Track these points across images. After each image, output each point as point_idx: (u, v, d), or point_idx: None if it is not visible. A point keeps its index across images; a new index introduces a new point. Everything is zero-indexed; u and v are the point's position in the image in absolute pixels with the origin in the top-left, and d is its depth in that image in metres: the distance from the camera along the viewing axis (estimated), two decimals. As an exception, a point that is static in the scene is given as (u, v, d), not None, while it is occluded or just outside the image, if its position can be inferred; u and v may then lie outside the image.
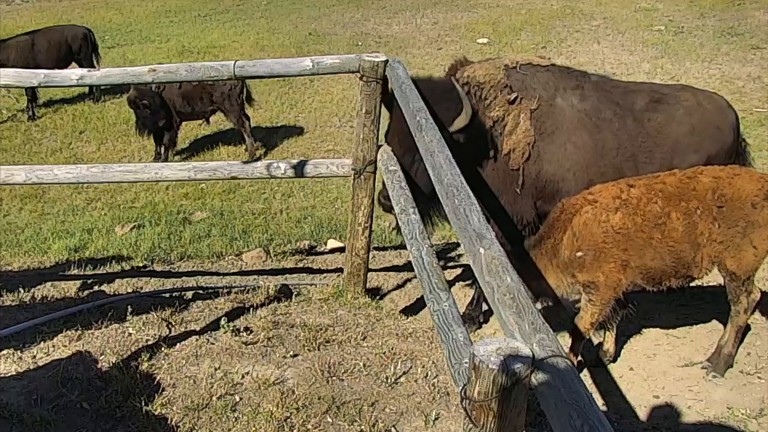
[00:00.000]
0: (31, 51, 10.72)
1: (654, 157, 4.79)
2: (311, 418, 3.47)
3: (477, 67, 4.73)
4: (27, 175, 4.78)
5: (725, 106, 5.01)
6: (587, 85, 4.81)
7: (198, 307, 4.68)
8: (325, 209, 7.38)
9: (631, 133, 4.74)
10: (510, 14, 15.27)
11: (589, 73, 5.05)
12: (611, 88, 4.88)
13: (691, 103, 4.88)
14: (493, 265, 2.31)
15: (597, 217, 4.14)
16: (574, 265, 4.23)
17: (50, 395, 3.60)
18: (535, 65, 4.80)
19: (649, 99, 4.85)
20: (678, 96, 4.91)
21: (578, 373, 1.84)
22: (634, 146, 4.75)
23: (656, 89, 5.04)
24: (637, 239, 4.13)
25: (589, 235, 4.15)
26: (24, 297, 4.87)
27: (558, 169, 4.69)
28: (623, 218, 4.11)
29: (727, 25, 13.57)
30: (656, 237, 4.12)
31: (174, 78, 4.75)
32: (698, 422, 4.19)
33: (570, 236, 4.21)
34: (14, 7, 18.72)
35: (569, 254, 4.22)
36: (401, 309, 5.28)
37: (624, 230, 4.12)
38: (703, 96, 5.03)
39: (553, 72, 4.81)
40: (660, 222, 4.10)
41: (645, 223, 4.11)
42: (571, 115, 4.69)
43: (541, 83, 4.71)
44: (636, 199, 4.13)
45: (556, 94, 4.70)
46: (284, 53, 12.81)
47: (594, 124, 4.71)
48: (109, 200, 7.84)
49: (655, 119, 4.79)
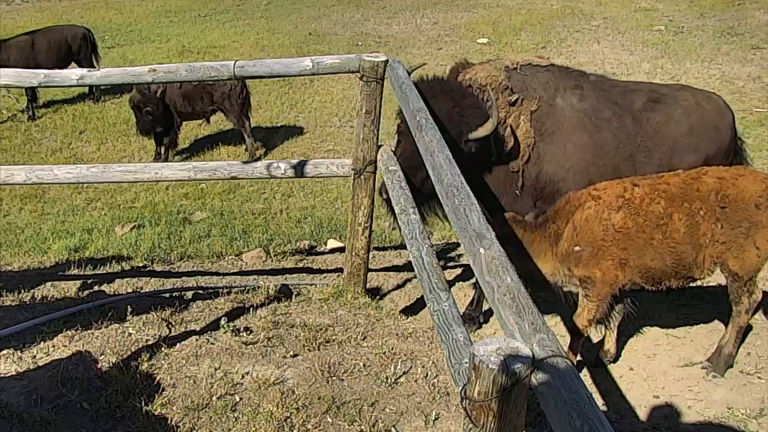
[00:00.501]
0: (32, 51, 10.72)
1: (653, 156, 4.79)
2: (311, 418, 3.47)
3: (478, 69, 4.71)
4: (27, 175, 4.78)
5: (723, 106, 5.01)
6: (586, 84, 4.81)
7: (198, 307, 4.68)
8: (325, 209, 7.38)
9: (629, 133, 4.74)
10: (510, 14, 15.27)
11: (588, 72, 5.04)
12: (610, 88, 4.88)
13: (689, 103, 4.88)
14: (493, 265, 2.31)
15: (599, 214, 4.15)
16: (571, 259, 4.24)
17: (50, 395, 3.60)
18: (535, 65, 4.79)
19: (647, 98, 4.84)
20: (676, 96, 4.91)
21: (578, 373, 1.84)
22: (632, 146, 4.75)
23: (655, 89, 5.04)
24: (637, 239, 4.13)
25: (589, 231, 4.16)
26: (24, 297, 4.87)
27: (558, 169, 4.68)
28: (625, 217, 4.12)
29: (727, 25, 13.57)
30: (657, 237, 4.12)
31: (174, 78, 4.75)
32: (698, 422, 4.19)
33: (571, 229, 4.22)
34: (14, 7, 18.72)
35: (567, 247, 4.23)
36: (401, 309, 5.28)
37: (624, 229, 4.12)
38: (702, 96, 5.03)
39: (553, 72, 4.80)
40: (662, 222, 4.11)
41: (647, 223, 4.12)
42: (570, 115, 4.68)
43: (541, 84, 4.70)
44: (639, 198, 4.14)
45: (556, 95, 4.69)
46: (284, 53, 12.81)
47: (593, 124, 4.70)
48: (109, 200, 7.84)
49: (654, 119, 4.79)
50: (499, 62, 4.79)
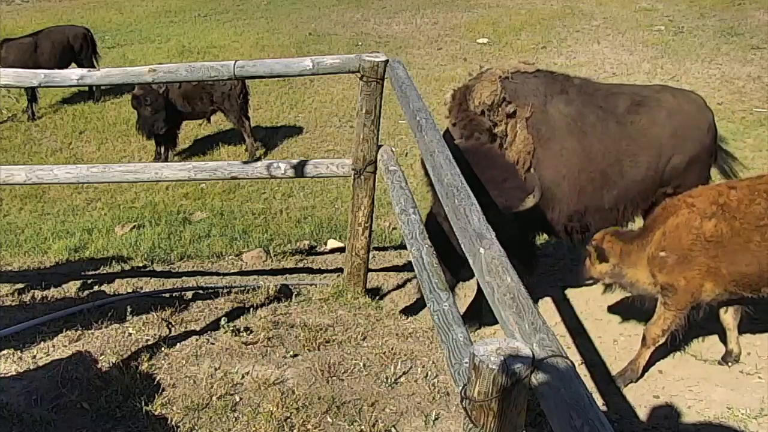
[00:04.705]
0: (34, 53, 10.72)
1: (638, 161, 4.76)
2: (311, 418, 3.47)
3: (480, 89, 4.64)
4: (27, 175, 4.78)
5: (703, 106, 5.00)
6: (571, 89, 4.78)
7: (198, 307, 4.68)
8: (325, 209, 7.38)
9: (614, 138, 4.72)
10: (510, 14, 15.26)
11: (572, 76, 5.02)
12: (594, 92, 4.86)
13: (671, 104, 4.86)
14: (493, 265, 2.31)
15: (690, 222, 4.10)
16: (656, 264, 4.21)
17: (50, 395, 3.60)
18: (523, 72, 4.77)
19: (630, 102, 4.82)
20: (659, 98, 4.89)
21: (578, 373, 1.84)
22: (618, 151, 4.74)
23: (636, 91, 5.03)
24: (731, 245, 4.04)
25: (677, 238, 4.13)
26: (24, 297, 4.87)
27: (555, 175, 4.67)
28: (717, 224, 4.04)
29: (727, 25, 13.56)
30: (755, 240, 4.02)
31: (174, 78, 4.75)
32: (698, 422, 4.19)
33: (660, 234, 4.21)
34: (14, 7, 18.71)
35: (654, 251, 4.22)
36: (401, 309, 5.28)
37: (716, 237, 4.04)
38: (683, 97, 5.01)
39: (540, 78, 4.77)
40: (762, 224, 4.01)
41: (744, 227, 4.03)
42: (560, 120, 4.67)
43: (531, 90, 4.67)
44: (736, 201, 4.06)
45: (546, 101, 4.67)
46: (284, 53, 12.80)
47: (580, 129, 4.68)
48: (109, 200, 7.84)
49: (638, 122, 4.76)
50: (492, 74, 4.72)
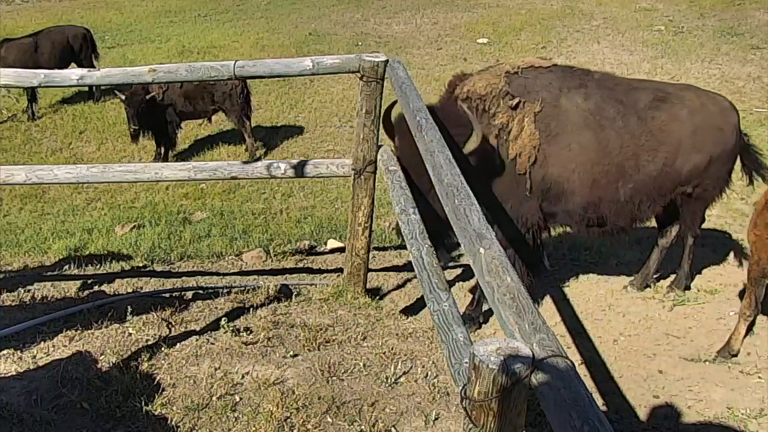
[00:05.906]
0: (34, 52, 10.72)
1: (657, 156, 4.78)
2: (311, 418, 3.47)
3: (476, 79, 4.70)
4: (27, 175, 4.78)
5: (728, 107, 5.01)
6: (591, 83, 4.80)
7: (198, 307, 4.68)
8: (325, 209, 7.38)
9: (634, 132, 4.74)
10: (510, 14, 15.26)
11: (592, 70, 5.04)
12: (614, 86, 4.87)
13: (694, 103, 4.88)
14: (493, 265, 2.31)
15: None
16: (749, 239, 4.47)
17: (50, 395, 3.60)
18: (537, 68, 4.79)
19: (652, 97, 4.84)
20: (682, 96, 4.91)
21: (578, 373, 1.84)
22: (637, 145, 4.75)
23: (660, 87, 5.04)
24: None
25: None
26: (24, 297, 4.87)
27: (563, 170, 4.68)
28: None
29: (727, 25, 13.57)
30: None
31: (174, 78, 4.75)
32: (698, 422, 4.19)
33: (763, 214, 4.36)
34: (14, 7, 18.71)
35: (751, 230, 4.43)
36: (401, 309, 5.28)
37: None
38: (707, 97, 5.03)
39: (556, 72, 4.79)
40: None
41: None
42: (575, 114, 4.68)
43: (543, 85, 4.69)
44: None
45: (560, 95, 4.69)
46: (284, 53, 12.80)
47: (598, 123, 4.70)
48: (109, 200, 7.84)
49: (659, 118, 4.78)
50: (499, 68, 4.78)
